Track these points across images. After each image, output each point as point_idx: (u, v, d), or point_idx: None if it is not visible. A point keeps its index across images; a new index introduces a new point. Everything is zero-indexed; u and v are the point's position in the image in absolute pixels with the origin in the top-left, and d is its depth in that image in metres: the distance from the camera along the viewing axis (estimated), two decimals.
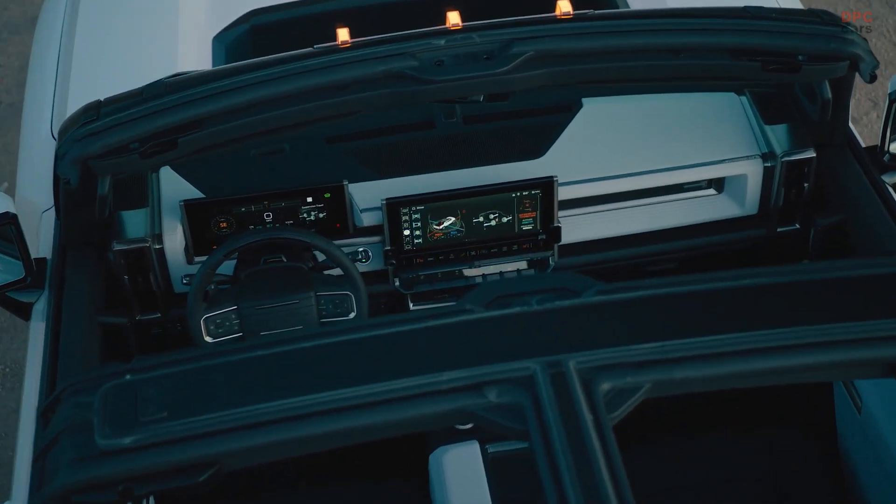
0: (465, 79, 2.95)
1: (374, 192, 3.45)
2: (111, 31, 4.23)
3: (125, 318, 3.33)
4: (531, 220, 3.43)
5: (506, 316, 2.31)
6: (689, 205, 3.62)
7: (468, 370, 2.20)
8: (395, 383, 2.19)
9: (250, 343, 2.34)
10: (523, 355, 2.21)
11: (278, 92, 2.93)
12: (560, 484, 2.03)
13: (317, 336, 2.31)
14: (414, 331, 2.30)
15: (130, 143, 2.91)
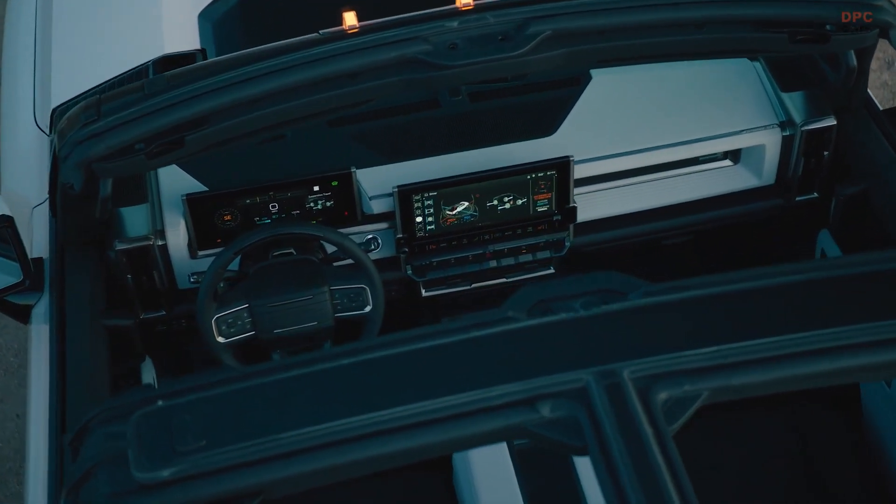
0: (481, 62, 2.82)
1: (383, 177, 3.33)
2: (89, 10, 4.06)
3: (130, 320, 3.20)
4: (546, 201, 3.33)
5: (551, 323, 2.20)
6: (704, 177, 3.53)
7: (519, 384, 2.10)
8: (443, 401, 2.08)
9: (287, 362, 2.23)
10: (574, 366, 2.11)
11: (287, 83, 2.79)
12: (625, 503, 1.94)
13: (355, 352, 2.20)
14: (457, 343, 2.19)
15: (135, 144, 2.77)
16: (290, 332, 3.15)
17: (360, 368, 2.18)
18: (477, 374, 2.14)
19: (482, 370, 2.14)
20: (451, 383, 2.12)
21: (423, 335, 2.21)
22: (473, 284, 3.46)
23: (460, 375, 2.15)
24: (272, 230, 3.10)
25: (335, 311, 3.16)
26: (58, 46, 3.92)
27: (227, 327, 3.12)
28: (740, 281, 2.25)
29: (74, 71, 3.83)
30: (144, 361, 3.33)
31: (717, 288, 2.24)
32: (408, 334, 2.23)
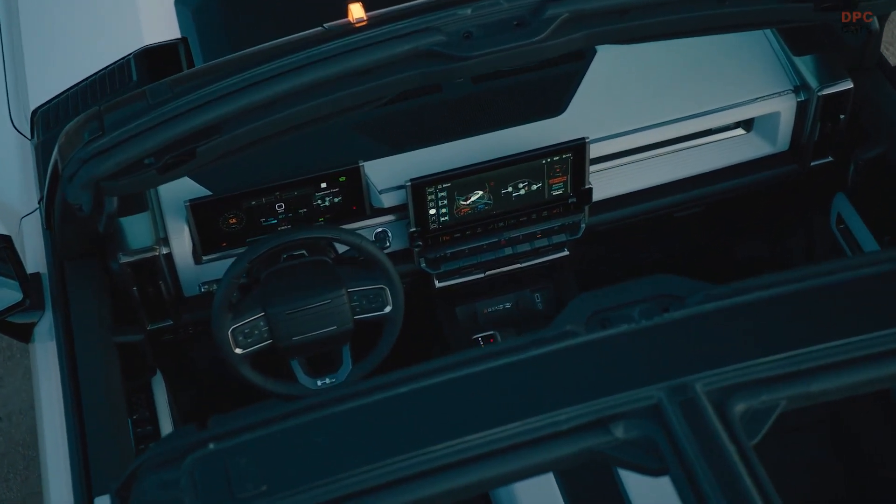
0: (499, 51, 2.69)
1: (391, 169, 3.21)
2: (58, 3, 3.87)
3: (140, 335, 3.07)
4: (561, 184, 3.22)
5: (613, 336, 2.10)
6: (717, 148, 3.43)
7: (587, 405, 2.00)
8: (509, 428, 1.98)
9: (341, 393, 2.10)
10: (644, 382, 2.02)
11: (299, 84, 2.65)
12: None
13: (411, 379, 2.08)
14: (517, 364, 2.09)
15: (145, 158, 2.62)
16: (308, 338, 3.04)
17: (417, 397, 2.07)
18: (541, 396, 2.04)
19: (546, 392, 2.04)
20: (516, 408, 2.02)
21: (480, 357, 2.11)
22: (487, 272, 3.36)
23: (524, 399, 2.05)
24: (289, 236, 2.96)
25: (354, 313, 3.05)
26: (29, 43, 3.73)
27: (243, 338, 3.00)
28: (806, 279, 2.16)
29: (50, 69, 3.65)
30: (155, 375, 3.20)
31: (781, 288, 2.15)
32: (465, 356, 2.12)
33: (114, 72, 3.45)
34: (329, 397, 2.10)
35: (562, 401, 2.01)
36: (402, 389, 2.08)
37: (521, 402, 2.03)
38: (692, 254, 3.96)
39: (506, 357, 2.10)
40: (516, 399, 2.05)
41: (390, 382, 2.10)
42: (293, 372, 3.11)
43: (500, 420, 1.99)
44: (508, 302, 3.51)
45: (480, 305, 3.50)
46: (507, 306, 3.51)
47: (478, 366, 2.09)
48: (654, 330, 2.10)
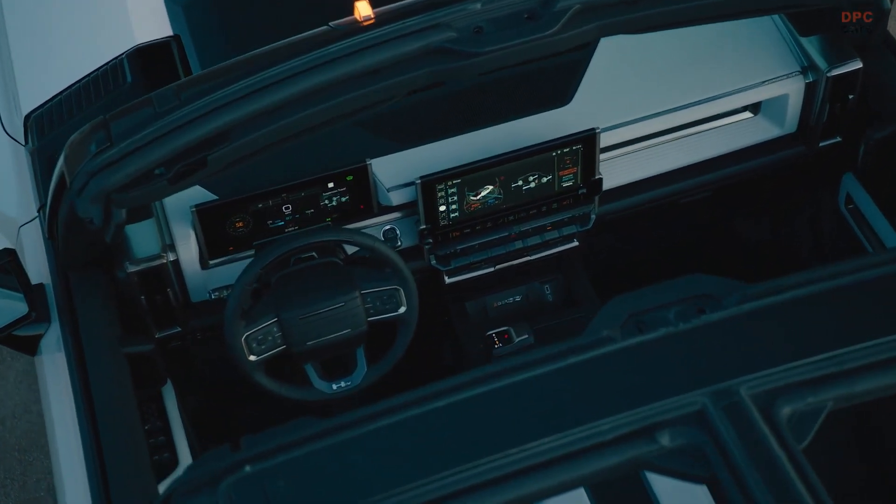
0: (512, 46, 2.63)
1: (397, 165, 3.15)
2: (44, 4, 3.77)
3: (150, 345, 3.01)
4: (571, 176, 3.17)
5: (651, 341, 2.06)
6: (725, 132, 3.39)
7: (630, 413, 1.95)
8: (552, 440, 1.94)
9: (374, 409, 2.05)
10: (686, 387, 1.98)
11: (308, 87, 2.58)
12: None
13: (445, 393, 2.04)
14: (554, 373, 2.04)
15: (155, 169, 2.55)
16: (323, 342, 2.99)
17: (454, 411, 2.02)
18: (582, 406, 1.99)
19: (587, 401, 2.00)
20: (557, 419, 1.98)
21: (516, 367, 2.06)
22: (497, 266, 3.31)
23: (565, 409, 2.00)
24: (302, 240, 2.91)
25: (368, 315, 3.00)
26: (16, 46, 3.65)
27: (257, 344, 2.94)
28: (844, 275, 2.12)
29: (40, 72, 3.57)
30: (165, 385, 3.15)
31: (820, 285, 2.11)
32: (500, 367, 2.07)
33: (107, 73, 3.37)
34: (365, 414, 2.05)
35: (604, 410, 1.97)
36: (439, 404, 2.03)
37: (562, 413, 1.99)
38: (699, 239, 3.93)
39: (543, 366, 2.06)
40: (556, 410, 2.00)
41: (426, 396, 2.05)
42: (307, 376, 3.06)
43: (542, 432, 1.95)
44: (518, 295, 3.47)
45: (490, 299, 3.46)
46: (516, 299, 3.47)
47: (514, 376, 2.04)
48: (692, 333, 2.06)
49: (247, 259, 3.13)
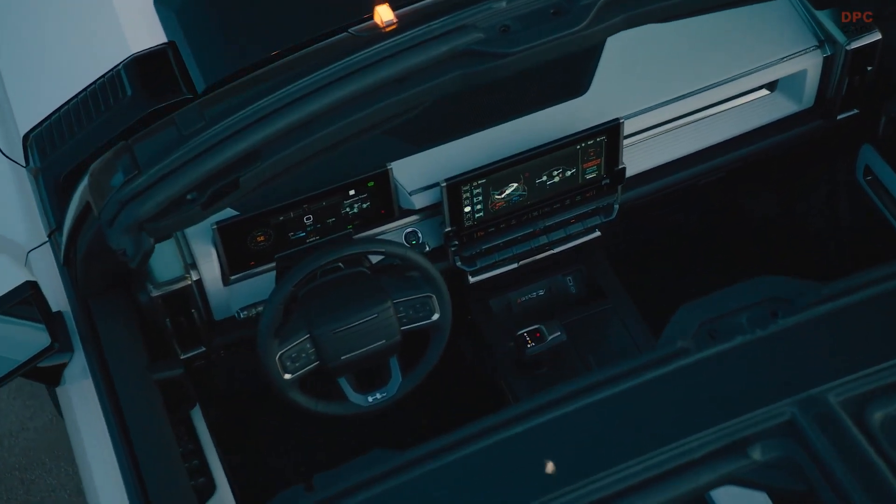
0: (542, 45, 2.55)
1: (418, 168, 3.07)
2: (31, 18, 3.64)
3: (179, 369, 2.92)
4: (595, 167, 3.11)
5: (728, 350, 2.01)
6: (741, 111, 3.34)
7: (717, 428, 1.91)
8: (640, 461, 1.88)
9: (448, 440, 1.99)
10: (772, 397, 1.93)
11: (336, 100, 2.50)
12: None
13: (523, 418, 1.98)
14: (633, 389, 1.99)
15: (187, 194, 2.46)
16: (357, 355, 2.91)
17: (534, 437, 1.97)
18: (667, 423, 1.94)
19: (671, 418, 1.95)
20: (642, 439, 1.93)
21: (591, 386, 2.00)
22: (521, 263, 3.24)
23: (649, 428, 1.95)
24: (334, 253, 2.83)
25: (401, 324, 2.92)
26: (7, 65, 3.52)
27: (291, 362, 2.86)
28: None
29: (34, 88, 3.44)
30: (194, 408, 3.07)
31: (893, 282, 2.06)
32: (577, 385, 2.02)
33: (104, 85, 3.25)
34: (438, 446, 1.99)
35: (689, 426, 1.92)
36: (517, 429, 1.97)
37: (647, 432, 1.94)
38: (716, 221, 3.89)
39: (621, 383, 2.00)
40: (640, 429, 1.95)
41: (502, 422, 1.99)
42: (340, 389, 2.99)
43: (628, 454, 1.90)
44: (541, 289, 3.41)
45: (513, 296, 3.40)
46: (540, 293, 3.41)
47: (591, 396, 1.99)
48: (770, 339, 2.02)
49: (268, 272, 3.05)
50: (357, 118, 2.52)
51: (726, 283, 3.81)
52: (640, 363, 1.99)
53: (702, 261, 3.92)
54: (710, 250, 3.94)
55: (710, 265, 3.91)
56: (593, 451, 1.92)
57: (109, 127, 3.12)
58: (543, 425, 1.96)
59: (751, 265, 3.89)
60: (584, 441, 1.95)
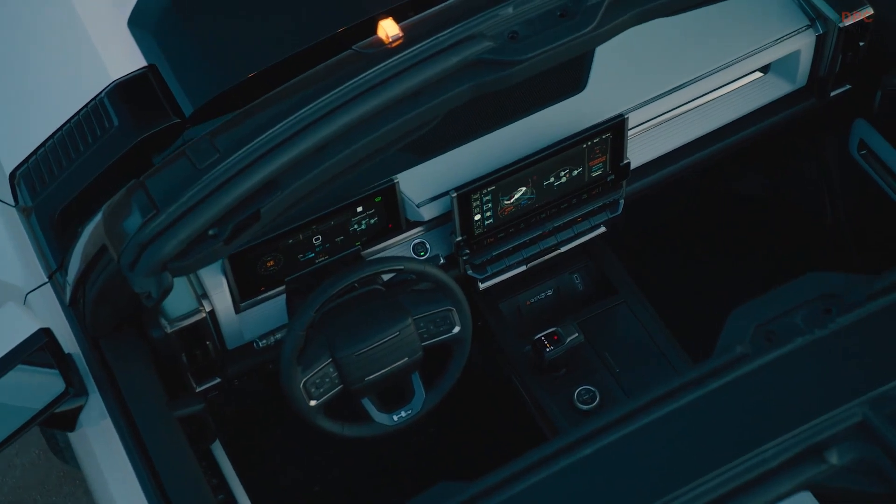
0: (552, 49, 2.52)
1: (423, 179, 3.03)
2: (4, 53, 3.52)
3: (199, 405, 2.86)
4: (600, 165, 3.08)
5: (790, 353, 1.99)
6: (735, 96, 3.33)
7: (790, 435, 1.89)
8: (716, 476, 1.86)
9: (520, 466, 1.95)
10: (840, 398, 1.91)
11: (350, 121, 2.44)
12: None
13: (591, 438, 1.94)
14: (701, 400, 1.96)
15: (209, 230, 2.39)
16: (381, 375, 2.86)
17: (604, 457, 1.94)
18: (737, 433, 1.92)
19: (740, 427, 1.93)
20: (715, 451, 1.90)
21: (655, 399, 1.97)
22: (530, 265, 3.21)
23: (719, 440, 1.93)
24: (354, 275, 2.77)
25: (422, 340, 2.88)
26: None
27: (315, 388, 2.81)
28: None
29: (14, 124, 3.33)
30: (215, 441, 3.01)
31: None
32: (643, 400, 1.98)
33: (89, 116, 3.16)
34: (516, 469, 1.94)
35: (760, 435, 1.90)
36: (586, 451, 1.94)
37: (719, 444, 1.91)
38: (714, 203, 3.88)
39: (685, 395, 1.97)
40: (712, 441, 1.93)
41: (571, 444, 1.96)
42: (362, 409, 2.94)
43: (703, 468, 1.87)
44: (549, 289, 3.38)
45: (522, 298, 3.36)
46: (548, 294, 3.38)
47: (658, 410, 1.96)
48: (831, 339, 2.00)
49: (277, 296, 2.99)
50: (374, 137, 2.47)
51: (732, 267, 3.82)
52: (702, 373, 1.97)
53: (704, 246, 3.92)
54: (710, 235, 3.93)
55: (713, 249, 3.91)
56: (668, 468, 1.89)
57: (100, 159, 3.04)
58: (613, 445, 1.93)
59: (751, 247, 3.89)
60: (658, 459, 1.92)
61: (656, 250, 3.84)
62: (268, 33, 3.16)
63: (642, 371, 3.16)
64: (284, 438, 3.68)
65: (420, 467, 3.61)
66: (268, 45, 3.09)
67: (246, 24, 3.28)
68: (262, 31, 3.17)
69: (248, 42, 3.17)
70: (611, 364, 3.18)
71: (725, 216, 3.94)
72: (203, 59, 3.23)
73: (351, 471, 3.68)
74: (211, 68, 3.17)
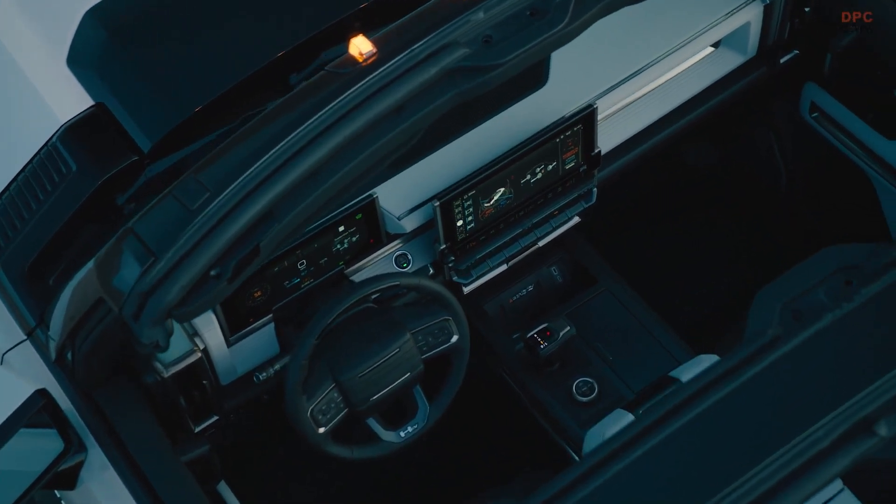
0: (528, 50, 2.51)
1: (399, 190, 3.01)
2: None
3: (205, 445, 2.81)
4: (573, 156, 3.09)
5: (822, 330, 2.00)
6: (691, 73, 3.36)
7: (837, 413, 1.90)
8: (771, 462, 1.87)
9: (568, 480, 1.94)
10: (879, 369, 1.93)
11: (340, 141, 2.41)
12: None
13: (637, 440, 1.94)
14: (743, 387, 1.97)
15: (210, 271, 2.34)
16: (385, 393, 2.84)
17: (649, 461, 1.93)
18: (783, 417, 1.93)
19: (786, 411, 1.94)
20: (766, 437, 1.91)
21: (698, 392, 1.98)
22: (511, 263, 3.21)
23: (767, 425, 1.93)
24: (352, 296, 2.73)
25: (421, 353, 2.86)
26: None
27: (322, 416, 2.77)
28: None
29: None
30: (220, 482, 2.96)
31: None
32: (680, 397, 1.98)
33: (43, 163, 3.07)
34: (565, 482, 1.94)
35: (807, 415, 1.91)
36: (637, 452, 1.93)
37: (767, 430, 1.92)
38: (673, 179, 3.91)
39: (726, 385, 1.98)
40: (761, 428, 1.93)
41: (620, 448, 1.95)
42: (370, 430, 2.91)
43: (757, 456, 1.88)
44: (530, 284, 3.38)
45: (504, 296, 3.36)
46: (529, 289, 3.38)
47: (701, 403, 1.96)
48: (860, 310, 2.02)
49: (265, 325, 2.94)
50: (363, 157, 2.44)
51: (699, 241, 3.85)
52: (738, 360, 1.97)
53: (670, 224, 3.95)
54: (674, 212, 3.97)
55: (678, 226, 3.95)
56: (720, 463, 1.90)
57: (62, 207, 2.96)
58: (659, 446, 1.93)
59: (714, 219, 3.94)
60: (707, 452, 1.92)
61: (624, 234, 3.86)
62: (216, 58, 3.09)
63: (636, 356, 3.18)
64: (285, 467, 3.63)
65: (424, 480, 3.59)
66: (219, 70, 3.03)
67: (192, 51, 3.21)
68: (209, 56, 3.10)
69: (197, 69, 3.10)
70: (603, 353, 3.19)
71: (685, 192, 3.97)
72: (154, 92, 3.14)
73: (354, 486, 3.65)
74: (163, 100, 3.10)
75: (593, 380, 3.13)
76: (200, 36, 3.13)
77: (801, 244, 3.78)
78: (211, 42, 3.13)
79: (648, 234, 3.91)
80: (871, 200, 3.55)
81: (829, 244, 3.51)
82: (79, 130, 3.11)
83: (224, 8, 3.13)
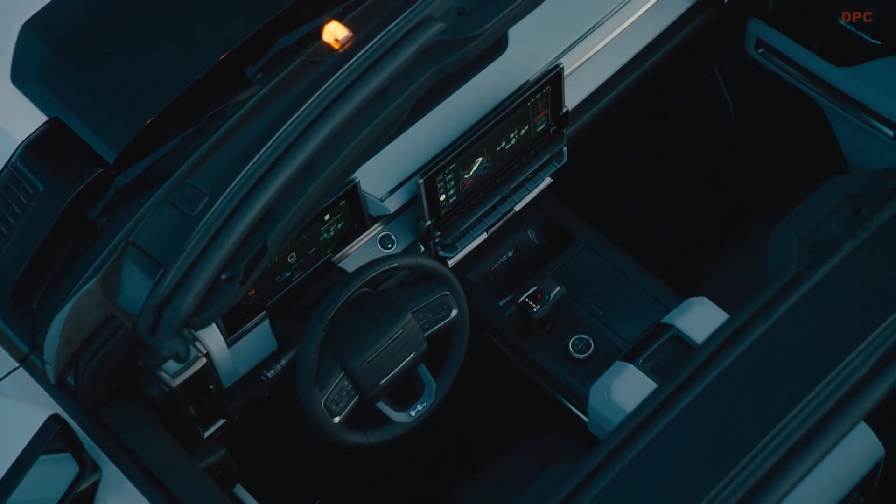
0: (503, 17, 2.52)
1: (377, 172, 3.00)
2: None
3: (221, 450, 2.79)
4: (543, 118, 3.11)
5: (843, 260, 2.05)
6: (641, 23, 3.39)
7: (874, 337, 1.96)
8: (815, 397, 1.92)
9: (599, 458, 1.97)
10: None
11: (330, 131, 2.40)
12: None
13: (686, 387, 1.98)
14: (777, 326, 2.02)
15: (220, 275, 2.32)
16: (393, 375, 2.84)
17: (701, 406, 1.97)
18: (822, 348, 1.98)
19: (822, 344, 1.99)
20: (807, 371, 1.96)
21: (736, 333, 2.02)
22: (490, 230, 3.22)
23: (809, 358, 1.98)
24: (352, 284, 2.73)
25: (424, 331, 2.87)
26: None
27: (335, 405, 2.77)
28: None
29: None
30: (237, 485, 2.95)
31: None
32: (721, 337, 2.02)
33: (7, 186, 3.00)
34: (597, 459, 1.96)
35: (845, 344, 1.96)
36: (684, 402, 1.97)
37: (808, 362, 1.97)
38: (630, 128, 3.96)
39: (761, 323, 2.02)
40: (801, 361, 1.98)
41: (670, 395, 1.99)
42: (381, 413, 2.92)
43: (800, 392, 1.93)
44: (509, 250, 3.40)
45: (486, 264, 3.37)
46: (510, 255, 3.40)
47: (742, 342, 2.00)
48: (877, 236, 2.07)
49: (260, 323, 2.93)
50: (355, 143, 2.44)
51: (667, 185, 3.90)
52: (766, 299, 2.02)
53: (633, 173, 4.00)
54: (636, 160, 4.01)
55: (642, 173, 3.99)
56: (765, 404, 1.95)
57: (35, 228, 2.90)
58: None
59: (671, 162, 3.99)
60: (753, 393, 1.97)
61: (591, 188, 3.89)
62: (168, 60, 3.05)
63: (625, 307, 3.22)
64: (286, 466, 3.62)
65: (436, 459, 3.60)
66: (173, 72, 2.99)
67: (142, 56, 3.16)
68: (161, 59, 3.06)
69: (150, 73, 3.06)
70: (593, 308, 3.23)
71: (642, 140, 4.02)
72: (109, 102, 3.09)
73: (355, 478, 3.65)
74: (121, 109, 3.04)
75: (588, 336, 3.17)
76: (148, 40, 3.08)
77: (760, 178, 3.86)
78: (160, 45, 3.08)
79: (614, 187, 3.95)
80: (823, 129, 3.62)
81: (784, 176, 3.59)
82: (38, 148, 3.04)
83: (167, 9, 3.08)
